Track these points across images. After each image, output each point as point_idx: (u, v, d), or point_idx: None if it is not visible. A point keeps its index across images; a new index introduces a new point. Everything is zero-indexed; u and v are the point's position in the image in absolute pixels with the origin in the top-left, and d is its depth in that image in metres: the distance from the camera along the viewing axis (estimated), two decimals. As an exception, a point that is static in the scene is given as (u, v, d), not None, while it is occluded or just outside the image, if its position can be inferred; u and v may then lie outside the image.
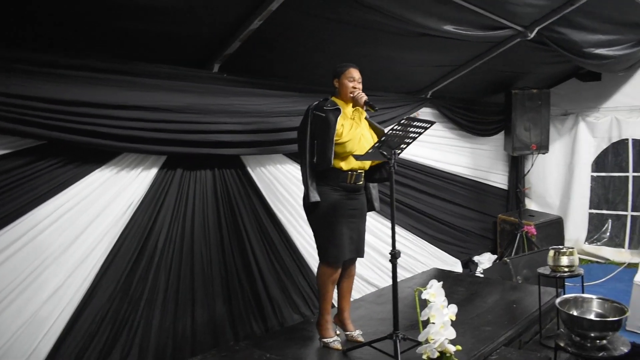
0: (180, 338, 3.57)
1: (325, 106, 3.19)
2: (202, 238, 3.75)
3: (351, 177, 3.23)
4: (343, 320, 3.49)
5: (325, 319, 3.36)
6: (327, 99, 3.28)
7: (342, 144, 3.15)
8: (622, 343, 2.88)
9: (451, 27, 4.14)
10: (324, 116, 3.14)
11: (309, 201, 3.15)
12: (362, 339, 3.39)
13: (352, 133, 3.20)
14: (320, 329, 3.37)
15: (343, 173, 3.21)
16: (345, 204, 3.23)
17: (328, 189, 3.20)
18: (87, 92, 2.96)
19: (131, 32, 3.01)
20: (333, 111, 3.16)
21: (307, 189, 3.16)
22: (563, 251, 3.61)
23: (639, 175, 6.53)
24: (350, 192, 3.26)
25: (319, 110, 3.19)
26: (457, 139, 6.42)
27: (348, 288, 3.49)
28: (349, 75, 3.24)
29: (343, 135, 3.15)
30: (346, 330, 3.47)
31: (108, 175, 3.25)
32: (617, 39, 5.37)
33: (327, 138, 3.11)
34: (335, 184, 3.21)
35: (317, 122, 3.17)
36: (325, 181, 3.20)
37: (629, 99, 6.53)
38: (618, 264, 6.34)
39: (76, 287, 3.09)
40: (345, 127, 3.18)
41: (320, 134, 3.15)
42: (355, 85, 3.25)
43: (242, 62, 3.68)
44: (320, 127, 3.15)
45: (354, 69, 3.28)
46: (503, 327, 3.58)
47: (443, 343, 2.53)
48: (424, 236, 5.88)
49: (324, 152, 3.10)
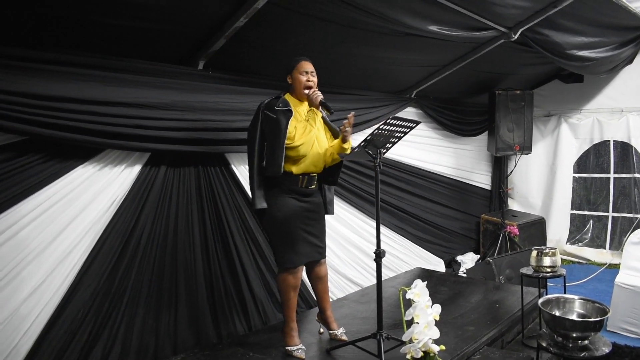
0: (162, 336, 3.54)
1: (277, 106, 3.02)
2: (185, 236, 3.72)
3: (302, 181, 3.13)
4: (326, 319, 3.47)
5: (289, 326, 3.25)
6: (280, 97, 3.13)
7: (294, 148, 3.03)
8: (603, 343, 2.92)
9: (436, 27, 4.16)
10: (274, 117, 2.99)
11: (254, 206, 3.04)
12: (345, 337, 3.39)
13: (305, 136, 3.08)
14: (285, 336, 3.27)
15: (294, 177, 3.09)
16: (298, 207, 3.14)
17: (279, 192, 3.09)
18: (70, 88, 2.92)
19: (115, 28, 2.98)
20: (284, 112, 3.00)
21: (254, 193, 3.04)
22: (546, 252, 3.65)
23: (620, 177, 6.62)
24: (303, 196, 3.17)
25: (269, 110, 3.03)
26: (441, 139, 6.45)
27: (324, 289, 3.42)
28: (302, 69, 3.12)
29: (295, 139, 3.03)
30: (330, 329, 3.46)
31: (91, 171, 3.20)
32: (600, 41, 5.45)
33: (277, 143, 2.97)
34: (287, 188, 3.10)
35: (267, 123, 3.03)
36: (275, 185, 3.09)
37: (611, 101, 6.63)
38: (599, 264, 6.42)
39: (57, 284, 3.05)
40: (297, 130, 3.06)
41: (271, 137, 3.01)
42: (309, 79, 3.12)
43: (227, 60, 3.67)
44: (271, 129, 3.01)
45: (306, 61, 3.16)
46: (486, 327, 3.61)
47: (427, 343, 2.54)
48: (408, 236, 5.91)
49: (274, 158, 2.97)
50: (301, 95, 3.15)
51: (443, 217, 6.49)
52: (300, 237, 3.12)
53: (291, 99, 3.15)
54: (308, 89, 3.12)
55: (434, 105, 6.12)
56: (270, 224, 3.15)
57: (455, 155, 6.70)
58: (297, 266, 3.13)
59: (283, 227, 3.10)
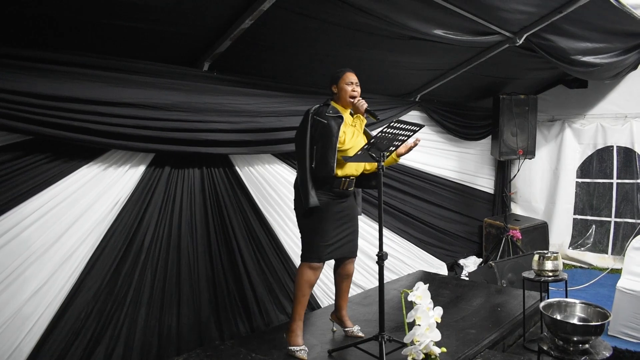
0: (165, 337, 3.55)
1: (327, 112, 3.17)
2: (189, 237, 3.73)
3: (344, 184, 3.25)
4: (341, 317, 3.57)
5: (296, 324, 3.28)
6: (328, 104, 3.27)
7: (344, 151, 3.16)
8: (604, 347, 2.92)
9: (441, 31, 4.16)
10: (325, 122, 3.12)
11: (308, 205, 3.10)
12: (361, 334, 3.46)
13: (353, 140, 3.22)
14: (289, 335, 3.29)
15: (337, 179, 3.20)
16: (334, 207, 3.24)
17: (320, 194, 3.18)
18: (75, 88, 2.93)
19: (121, 30, 2.99)
20: (335, 118, 3.15)
21: (307, 193, 3.11)
22: (548, 256, 3.65)
23: (623, 182, 6.61)
24: (341, 197, 3.29)
25: (320, 115, 3.16)
26: (445, 142, 6.46)
27: (346, 287, 3.54)
28: (347, 80, 3.26)
29: (346, 143, 3.16)
30: (345, 327, 3.54)
31: (95, 172, 3.22)
32: (604, 47, 5.44)
33: (329, 145, 3.08)
34: (328, 189, 3.21)
35: (317, 128, 3.15)
36: (319, 186, 3.18)
37: (614, 107, 6.63)
38: (601, 269, 6.42)
39: (61, 284, 3.06)
40: (347, 135, 3.19)
41: (321, 141, 3.12)
42: (354, 89, 3.26)
43: (232, 61, 3.68)
44: (322, 133, 3.12)
45: (351, 73, 3.30)
46: (487, 330, 3.61)
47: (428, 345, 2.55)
48: (410, 238, 5.91)
49: (326, 160, 3.08)
50: (346, 104, 3.28)
51: (446, 221, 6.49)
52: (332, 235, 3.23)
53: (337, 107, 3.28)
54: (352, 98, 3.25)
55: (438, 109, 6.13)
56: (310, 222, 3.24)
57: (458, 159, 6.70)
58: (321, 262, 3.23)
59: (319, 224, 3.21)
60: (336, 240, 3.26)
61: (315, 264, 3.22)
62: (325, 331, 3.65)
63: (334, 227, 3.24)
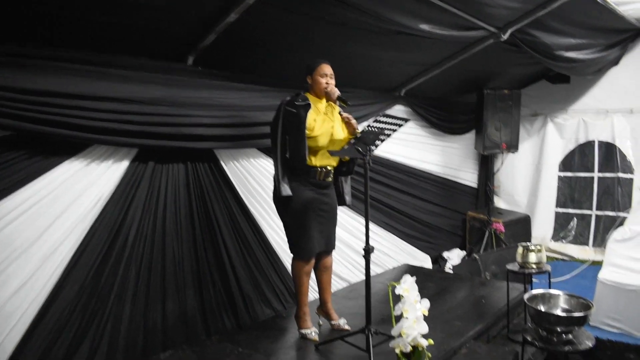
0: (150, 333, 3.52)
1: (297, 101, 3.22)
2: (173, 232, 3.71)
3: (320, 174, 3.29)
4: (327, 311, 3.59)
5: (303, 310, 3.42)
6: (299, 94, 3.32)
7: (313, 138, 3.20)
8: (586, 337, 2.97)
9: (427, 26, 4.17)
10: (295, 112, 3.18)
11: (280, 195, 3.19)
12: (347, 327, 3.49)
13: (323, 127, 3.25)
14: (298, 321, 3.44)
15: (313, 169, 3.26)
16: (315, 200, 3.29)
17: (298, 185, 3.24)
18: (56, 83, 2.89)
19: (103, 24, 2.95)
20: (304, 107, 3.20)
21: (279, 183, 3.20)
22: (531, 248, 3.70)
23: (604, 176, 6.70)
24: (320, 188, 3.32)
25: (290, 105, 3.22)
26: (429, 136, 6.48)
27: (327, 280, 3.57)
28: (322, 72, 3.30)
29: (315, 130, 3.21)
30: (331, 320, 3.57)
31: (78, 167, 3.17)
32: (587, 43, 5.51)
33: (299, 134, 3.15)
34: (305, 180, 3.25)
35: (288, 118, 3.21)
36: (295, 177, 3.24)
37: (596, 102, 6.70)
38: (582, 261, 6.52)
39: (43, 281, 3.02)
40: (317, 122, 3.24)
41: (292, 130, 3.19)
42: (328, 81, 3.30)
43: (217, 56, 3.65)
44: (292, 122, 3.19)
45: (326, 64, 3.33)
46: (472, 322, 3.64)
47: (416, 337, 2.56)
48: (395, 232, 5.93)
49: (298, 149, 3.15)
50: (320, 95, 3.33)
51: (430, 214, 6.52)
52: (315, 227, 3.29)
53: (310, 97, 3.33)
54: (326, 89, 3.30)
55: (422, 104, 6.14)
56: (288, 214, 3.31)
57: (443, 153, 6.73)
58: (311, 256, 3.31)
59: (300, 217, 3.26)
60: (319, 232, 3.32)
61: (308, 256, 3.31)
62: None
63: (315, 220, 3.29)
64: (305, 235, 3.27)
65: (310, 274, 3.42)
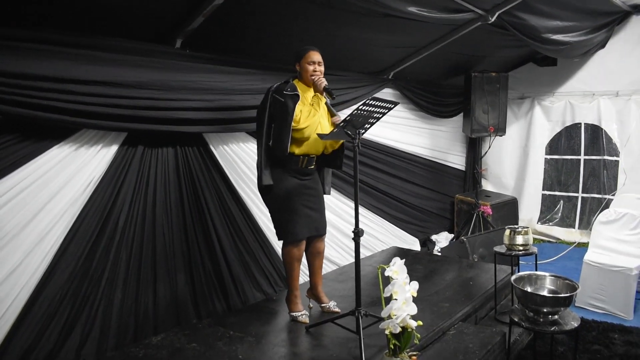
0: (142, 317, 3.54)
1: (285, 90, 3.19)
2: (164, 216, 3.71)
3: (302, 162, 3.29)
4: (317, 294, 3.61)
5: (293, 294, 3.45)
6: (289, 82, 3.29)
7: (300, 130, 3.19)
8: (572, 318, 3.03)
9: (415, 8, 4.17)
10: (282, 101, 3.16)
11: (261, 183, 3.22)
12: (337, 309, 3.52)
13: (310, 119, 3.22)
14: (289, 304, 3.46)
15: (295, 157, 3.25)
16: (299, 185, 3.30)
17: (281, 172, 3.26)
18: (44, 66, 2.86)
19: (90, 5, 2.91)
20: (292, 97, 3.17)
21: (260, 172, 3.22)
22: (518, 230, 3.75)
23: (590, 159, 6.78)
24: (303, 175, 3.33)
25: (278, 93, 3.20)
26: (417, 119, 6.51)
27: (318, 264, 3.57)
28: (309, 59, 3.26)
29: (301, 122, 3.18)
30: (321, 303, 3.59)
31: (67, 152, 3.15)
32: (574, 26, 5.53)
33: (284, 125, 3.13)
34: (288, 167, 3.26)
35: (276, 106, 3.19)
36: (278, 164, 3.25)
37: (583, 85, 6.76)
38: (569, 243, 6.63)
39: (34, 267, 3.02)
40: (303, 114, 3.20)
41: (278, 119, 3.17)
42: (316, 69, 3.27)
43: (206, 38, 3.62)
44: (279, 111, 3.17)
45: (315, 51, 3.29)
46: (460, 304, 3.69)
47: (405, 318, 2.59)
48: (384, 215, 5.98)
49: (281, 139, 3.14)
50: (308, 83, 3.29)
51: (418, 197, 6.57)
52: (301, 212, 3.29)
53: (299, 84, 3.29)
54: (313, 77, 3.26)
55: (411, 87, 6.15)
56: (273, 201, 3.33)
57: (431, 136, 6.77)
58: (299, 239, 3.31)
59: (285, 203, 3.27)
60: (307, 217, 3.32)
61: (296, 241, 3.31)
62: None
63: (301, 204, 3.30)
64: (291, 221, 3.27)
65: (301, 260, 3.43)
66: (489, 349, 3.10)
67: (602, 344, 3.82)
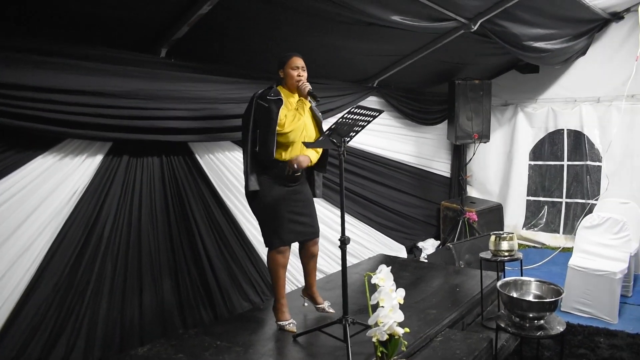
0: (128, 328, 3.51)
1: (269, 95, 3.21)
2: (149, 226, 3.69)
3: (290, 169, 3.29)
4: (312, 295, 3.65)
5: (280, 302, 3.44)
6: (272, 87, 3.31)
7: (284, 135, 3.21)
8: (558, 322, 3.06)
9: (399, 17, 4.20)
10: (266, 106, 3.17)
11: (247, 188, 3.24)
12: (332, 310, 3.56)
13: (294, 124, 3.25)
14: (276, 313, 3.45)
15: (282, 164, 3.26)
16: (287, 192, 3.31)
17: (267, 178, 3.27)
18: (28, 76, 2.83)
19: (74, 15, 2.90)
20: (275, 101, 3.19)
21: (247, 177, 3.23)
22: (503, 236, 3.77)
23: (573, 164, 6.86)
24: (291, 181, 3.33)
25: (262, 99, 3.22)
26: (402, 127, 6.54)
27: (312, 266, 3.61)
28: (293, 65, 3.29)
29: (285, 126, 3.21)
30: (316, 304, 3.63)
31: (51, 162, 3.13)
32: (555, 33, 5.61)
33: (269, 130, 3.16)
34: (275, 174, 3.27)
35: (260, 111, 3.21)
36: (265, 170, 3.27)
37: (565, 91, 6.85)
38: (553, 248, 6.69)
39: (18, 278, 2.98)
40: (288, 118, 3.23)
41: (263, 124, 3.19)
42: (300, 74, 3.29)
43: (190, 48, 3.62)
44: (263, 117, 3.19)
45: (297, 57, 3.33)
46: (447, 310, 3.71)
47: (392, 326, 2.60)
48: (370, 223, 5.99)
49: (266, 144, 3.16)
50: (292, 89, 3.32)
51: (404, 205, 6.59)
52: (287, 219, 3.30)
53: (283, 90, 3.32)
54: (298, 83, 3.29)
55: (395, 95, 6.19)
56: (260, 208, 3.34)
57: (416, 144, 6.81)
58: (284, 246, 3.33)
59: (271, 211, 3.28)
60: (294, 223, 3.33)
61: (281, 247, 3.32)
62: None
63: (288, 211, 3.30)
64: (277, 227, 3.28)
65: (287, 267, 3.43)
66: (476, 355, 3.11)
67: (587, 347, 3.86)
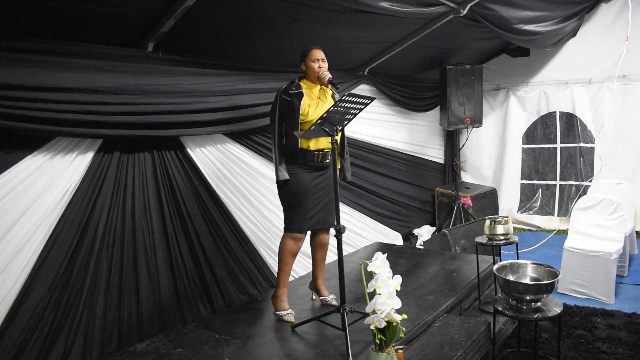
0: (126, 325, 3.50)
1: (291, 89, 3.33)
2: (143, 222, 3.67)
3: (318, 157, 3.37)
4: (318, 287, 3.68)
5: (281, 290, 3.46)
6: (294, 82, 3.42)
7: (309, 122, 3.26)
8: (555, 304, 3.07)
9: (387, 3, 4.17)
10: (289, 100, 3.30)
11: (277, 179, 3.33)
12: (336, 302, 3.56)
13: (317, 112, 3.31)
14: (276, 302, 3.46)
15: (310, 153, 3.34)
16: (312, 181, 3.38)
17: (296, 168, 3.35)
18: (14, 75, 2.81)
19: (60, 11, 2.86)
20: (297, 95, 3.31)
21: (276, 168, 3.33)
22: (498, 220, 3.77)
23: (566, 146, 6.87)
24: (318, 170, 3.40)
25: (285, 94, 3.35)
26: (395, 115, 6.53)
27: (322, 257, 3.66)
28: (313, 57, 3.40)
29: (309, 115, 3.30)
30: (321, 296, 3.66)
31: (41, 161, 3.11)
32: (545, 15, 5.60)
33: (293, 121, 3.27)
34: (304, 163, 3.35)
35: (284, 105, 3.34)
36: (294, 160, 3.35)
37: (556, 74, 6.85)
38: (549, 230, 6.71)
39: (13, 280, 2.97)
40: (311, 107, 3.34)
41: (288, 117, 3.32)
42: (320, 65, 3.40)
43: (178, 41, 3.59)
44: (287, 109, 3.32)
45: (317, 50, 3.44)
46: (444, 296, 3.72)
47: (389, 313, 2.60)
48: (366, 211, 5.99)
49: (292, 135, 3.25)
50: (314, 80, 3.43)
51: (399, 192, 6.60)
52: (311, 208, 3.39)
53: (305, 82, 3.44)
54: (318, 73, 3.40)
55: (386, 82, 6.17)
56: (287, 195, 3.41)
57: (409, 131, 6.80)
58: (301, 232, 3.40)
59: (298, 198, 3.36)
60: (315, 212, 3.39)
61: (297, 234, 3.38)
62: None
63: (312, 200, 3.38)
64: (301, 215, 3.36)
65: (296, 256, 3.47)
66: (474, 339, 3.12)
67: (585, 328, 3.88)
